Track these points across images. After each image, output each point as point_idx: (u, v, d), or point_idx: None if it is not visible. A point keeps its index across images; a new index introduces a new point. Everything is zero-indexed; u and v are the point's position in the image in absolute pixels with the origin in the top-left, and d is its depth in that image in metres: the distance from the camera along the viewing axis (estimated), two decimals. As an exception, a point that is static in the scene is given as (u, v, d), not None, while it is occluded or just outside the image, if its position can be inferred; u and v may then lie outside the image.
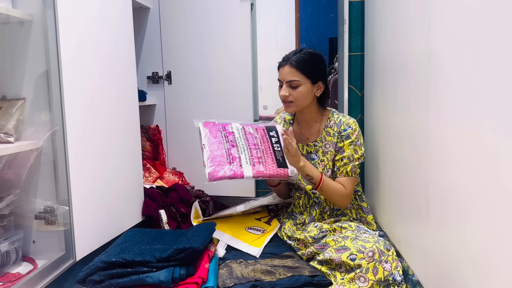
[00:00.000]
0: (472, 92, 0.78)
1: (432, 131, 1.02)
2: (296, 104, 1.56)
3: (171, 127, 2.28)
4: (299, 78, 1.53)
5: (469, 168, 0.80)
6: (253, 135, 1.60)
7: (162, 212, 1.73)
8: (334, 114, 1.63)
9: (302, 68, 1.53)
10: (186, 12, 2.16)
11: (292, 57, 1.54)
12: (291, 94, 1.54)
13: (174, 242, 1.34)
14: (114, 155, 1.57)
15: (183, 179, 2.24)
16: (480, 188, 0.75)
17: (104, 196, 1.51)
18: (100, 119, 1.48)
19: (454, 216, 0.89)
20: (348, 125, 1.57)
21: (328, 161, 1.59)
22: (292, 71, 1.53)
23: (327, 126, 1.61)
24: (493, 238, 0.71)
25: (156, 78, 2.26)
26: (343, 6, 2.09)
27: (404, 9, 1.29)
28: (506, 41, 0.64)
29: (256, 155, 1.55)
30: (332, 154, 1.59)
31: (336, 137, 1.58)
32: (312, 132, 1.65)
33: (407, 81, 1.25)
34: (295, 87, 1.54)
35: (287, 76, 1.54)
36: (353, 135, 1.55)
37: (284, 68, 1.55)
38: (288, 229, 1.62)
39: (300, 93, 1.54)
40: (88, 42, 1.41)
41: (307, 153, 1.64)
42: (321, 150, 1.61)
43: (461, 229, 0.85)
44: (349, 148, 1.55)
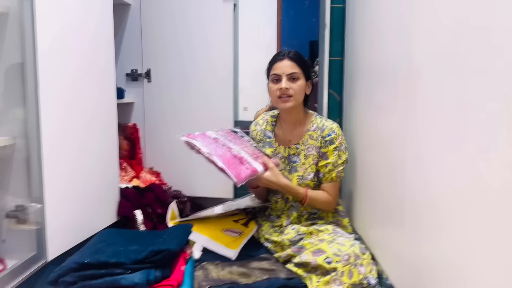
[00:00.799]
0: (448, 100, 0.80)
1: (409, 137, 1.04)
2: (295, 98, 1.55)
3: (149, 125, 2.25)
4: (298, 71, 1.54)
5: (445, 174, 0.82)
6: (230, 137, 1.59)
7: (138, 212, 1.70)
8: (317, 118, 1.63)
9: (300, 62, 1.55)
10: (167, 10, 2.14)
11: (289, 53, 1.56)
12: (291, 88, 1.53)
13: (149, 243, 1.32)
14: (90, 152, 1.54)
15: (160, 179, 2.21)
16: (456, 194, 0.77)
17: (79, 194, 1.47)
18: (77, 116, 1.45)
19: (429, 221, 0.91)
20: (332, 130, 1.57)
21: (310, 164, 1.59)
22: (292, 64, 1.54)
23: (309, 129, 1.61)
24: (467, 243, 0.72)
25: (135, 75, 2.23)
26: (324, 11, 2.11)
27: (384, 17, 1.31)
28: (480, 51, 0.66)
29: (250, 152, 1.54)
30: (315, 158, 1.59)
31: (320, 142, 1.58)
32: (295, 134, 1.64)
33: (386, 88, 1.27)
34: (296, 79, 1.54)
35: (287, 69, 1.54)
36: (336, 140, 1.56)
37: (283, 61, 1.55)
38: (265, 231, 1.62)
39: (300, 86, 1.55)
40: (67, 36, 1.38)
41: (288, 155, 1.63)
42: (303, 153, 1.60)
43: (436, 233, 0.87)
44: (333, 154, 1.56)
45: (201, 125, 2.17)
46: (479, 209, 0.68)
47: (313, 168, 1.59)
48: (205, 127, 2.16)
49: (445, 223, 0.82)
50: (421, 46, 0.96)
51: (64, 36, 1.36)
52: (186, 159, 2.22)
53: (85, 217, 1.52)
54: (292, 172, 1.61)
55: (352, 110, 1.89)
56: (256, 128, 1.72)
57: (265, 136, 1.69)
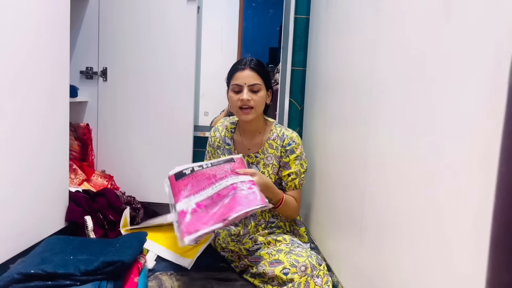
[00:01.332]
0: (410, 116, 0.81)
1: (371, 150, 1.06)
2: (256, 110, 1.52)
3: (103, 126, 2.15)
4: (260, 82, 1.51)
5: (406, 190, 0.83)
6: (206, 176, 1.30)
7: (88, 218, 1.61)
8: (276, 127, 1.62)
9: (261, 72, 1.52)
10: (128, 7, 2.06)
11: (250, 63, 1.52)
12: (252, 99, 1.50)
13: (101, 252, 1.25)
14: (38, 153, 1.44)
15: (113, 183, 2.12)
16: (415, 206, 0.79)
17: (23, 197, 1.37)
18: (25, 113, 1.35)
19: (386, 233, 0.93)
20: (292, 139, 1.56)
21: (268, 174, 1.58)
22: (254, 75, 1.50)
23: (269, 138, 1.59)
24: (426, 255, 0.74)
25: (90, 73, 2.12)
26: (288, 21, 2.13)
27: (350, 32, 1.33)
28: (443, 71, 0.68)
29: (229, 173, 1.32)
30: (274, 167, 1.58)
31: (280, 151, 1.57)
32: (254, 143, 1.62)
33: (349, 100, 1.29)
34: (257, 91, 1.51)
35: (249, 80, 1.50)
36: (297, 149, 1.56)
37: (244, 71, 1.51)
38: (222, 240, 1.60)
39: (261, 97, 1.52)
40: (15, 27, 1.28)
41: (247, 164, 1.61)
42: (262, 162, 1.59)
43: (394, 245, 0.88)
44: (295, 163, 1.56)
45: (159, 130, 2.11)
46: (438, 221, 0.69)
47: (272, 177, 1.58)
48: (162, 132, 2.11)
49: (405, 238, 0.83)
50: (384, 63, 0.98)
51: (11, 27, 1.26)
52: (140, 163, 2.14)
53: (30, 222, 1.42)
54: None
55: (312, 120, 1.91)
56: (215, 135, 1.68)
57: (224, 143, 1.66)
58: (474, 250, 0.57)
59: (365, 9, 1.16)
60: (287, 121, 2.19)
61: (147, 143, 2.13)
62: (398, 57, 0.91)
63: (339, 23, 1.49)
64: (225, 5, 2.31)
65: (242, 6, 2.25)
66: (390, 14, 0.97)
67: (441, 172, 0.69)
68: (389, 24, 0.97)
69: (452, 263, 0.65)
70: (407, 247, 0.82)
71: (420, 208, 0.77)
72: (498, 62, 0.54)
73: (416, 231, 0.78)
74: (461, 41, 0.65)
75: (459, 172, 0.63)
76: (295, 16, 2.14)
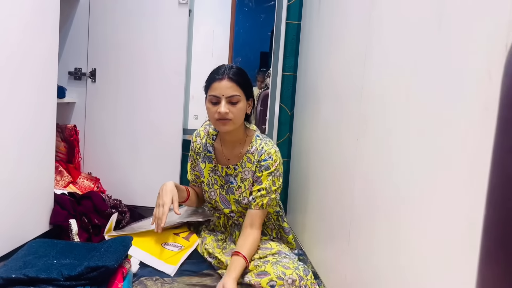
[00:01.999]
0: (400, 124, 0.81)
1: (359, 158, 1.06)
2: (235, 122, 1.43)
3: (90, 128, 2.12)
4: (239, 93, 1.41)
5: (393, 198, 0.83)
6: None
7: (72, 222, 1.58)
8: (257, 139, 1.53)
9: (241, 82, 1.42)
10: (119, 9, 2.04)
11: (229, 72, 1.42)
12: (231, 111, 1.41)
13: (85, 257, 1.23)
14: (23, 154, 1.41)
15: (99, 186, 2.08)
16: (403, 215, 0.78)
17: (6, 199, 1.34)
18: (10, 112, 1.32)
19: (374, 244, 0.92)
20: (269, 155, 1.48)
21: (245, 189, 1.52)
22: (233, 86, 1.41)
23: (249, 151, 1.52)
24: (413, 264, 0.73)
25: (78, 74, 2.09)
26: (280, 26, 2.13)
27: (341, 38, 1.34)
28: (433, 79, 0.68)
29: None
30: (250, 183, 1.51)
31: (255, 166, 1.50)
32: (234, 154, 1.55)
33: (339, 108, 1.29)
34: (235, 102, 1.41)
35: (227, 91, 1.40)
36: (272, 166, 1.47)
37: (222, 82, 1.41)
38: (209, 244, 1.57)
39: (240, 109, 1.43)
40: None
41: (226, 175, 1.55)
42: (240, 176, 1.52)
43: (381, 256, 0.88)
44: (267, 179, 1.47)
45: (147, 133, 2.09)
46: (426, 231, 0.69)
47: (248, 193, 1.52)
48: (151, 135, 2.09)
49: (391, 243, 0.83)
50: (374, 69, 0.98)
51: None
52: (127, 166, 2.12)
53: (13, 224, 1.38)
54: (229, 193, 1.55)
55: (303, 125, 1.90)
56: (197, 140, 1.61)
57: (205, 150, 1.60)
58: (464, 263, 0.56)
59: (357, 16, 1.16)
60: (277, 126, 2.19)
61: (135, 145, 2.11)
62: (388, 64, 0.91)
63: (330, 29, 1.49)
64: (217, 9, 2.30)
65: (234, 11, 2.25)
66: (382, 21, 0.97)
67: (431, 181, 0.69)
68: (380, 31, 0.97)
69: (439, 272, 0.65)
70: (394, 256, 0.82)
71: (408, 217, 0.77)
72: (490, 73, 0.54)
73: (403, 241, 0.78)
74: (451, 50, 0.65)
75: (450, 183, 0.63)
76: (287, 21, 2.14)
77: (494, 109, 0.43)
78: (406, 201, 0.78)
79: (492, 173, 0.39)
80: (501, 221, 0.37)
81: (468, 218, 0.57)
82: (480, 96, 0.56)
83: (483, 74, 0.55)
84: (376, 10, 1.00)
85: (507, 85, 0.38)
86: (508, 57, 0.38)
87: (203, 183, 1.61)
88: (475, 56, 0.58)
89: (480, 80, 0.56)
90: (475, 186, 0.55)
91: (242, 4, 2.26)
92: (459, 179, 0.60)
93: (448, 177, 0.63)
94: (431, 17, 0.72)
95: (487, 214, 0.39)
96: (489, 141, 0.41)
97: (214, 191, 1.58)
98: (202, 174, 1.60)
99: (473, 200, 0.56)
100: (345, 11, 1.30)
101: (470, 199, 0.57)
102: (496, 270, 0.37)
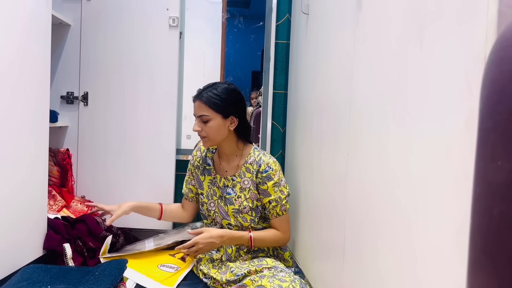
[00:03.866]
0: (386, 143, 0.83)
1: (351, 174, 1.07)
2: (210, 138, 1.55)
3: (83, 151, 2.12)
4: (208, 113, 1.52)
5: (384, 214, 0.84)
6: None
7: (67, 246, 1.57)
8: (255, 151, 1.61)
9: (211, 103, 1.52)
10: (110, 33, 2.07)
11: (202, 93, 1.55)
12: (203, 129, 1.54)
13: (79, 282, 1.22)
14: (15, 179, 1.40)
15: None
16: (397, 233, 0.79)
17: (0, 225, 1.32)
18: (1, 137, 1.32)
19: (368, 259, 0.93)
20: (268, 166, 1.55)
21: (245, 198, 1.57)
22: (202, 106, 1.53)
23: (247, 162, 1.59)
24: (409, 279, 0.74)
25: (71, 98, 2.10)
26: (269, 46, 2.17)
27: (328, 57, 1.36)
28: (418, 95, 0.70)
29: None
30: (251, 192, 1.57)
31: (256, 176, 1.57)
32: (231, 166, 1.62)
33: (329, 125, 1.31)
34: (206, 121, 1.53)
35: (197, 111, 1.54)
36: (274, 176, 1.55)
37: (196, 102, 1.56)
38: (204, 265, 1.57)
39: (211, 128, 1.53)
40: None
41: (224, 186, 1.61)
42: (239, 186, 1.59)
43: (378, 270, 0.88)
44: (274, 190, 1.55)
45: (140, 154, 2.09)
46: (420, 245, 0.70)
47: (249, 201, 1.57)
48: (144, 156, 2.09)
49: (387, 259, 0.83)
50: (361, 87, 1.00)
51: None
52: (121, 188, 2.11)
53: (7, 250, 1.37)
54: (227, 205, 1.60)
55: (295, 142, 1.92)
56: (197, 154, 1.72)
57: (204, 163, 1.68)
58: (458, 274, 0.57)
59: (342, 36, 1.19)
60: (269, 144, 2.21)
61: (129, 167, 2.11)
62: (374, 80, 0.93)
63: (317, 47, 1.53)
64: (207, 31, 2.34)
65: (225, 32, 2.29)
66: (366, 39, 1.00)
67: (421, 195, 0.70)
68: (365, 48, 1.00)
69: (434, 284, 0.65)
70: (388, 272, 0.82)
71: (401, 232, 0.77)
72: (470, 86, 0.56)
73: (397, 255, 0.78)
74: (433, 65, 0.67)
75: (439, 197, 0.64)
76: (276, 41, 2.19)
77: (475, 120, 0.45)
78: (398, 215, 0.79)
79: (475, 182, 0.40)
80: (485, 229, 0.38)
81: (458, 229, 0.58)
82: (462, 108, 0.58)
83: (463, 87, 0.57)
84: (361, 28, 1.03)
85: (485, 96, 0.40)
86: (485, 69, 0.40)
87: (202, 195, 1.67)
88: (456, 70, 0.60)
89: (461, 93, 0.58)
90: (461, 196, 0.57)
91: (231, 25, 2.30)
92: (448, 190, 0.62)
93: (438, 189, 0.65)
94: (412, 34, 0.74)
95: (472, 223, 0.40)
96: (472, 151, 0.42)
97: (213, 202, 1.63)
98: (202, 186, 1.67)
99: (462, 209, 0.57)
100: (331, 29, 1.34)
101: (459, 209, 0.58)
102: (482, 278, 0.38)
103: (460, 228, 0.57)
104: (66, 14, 2.04)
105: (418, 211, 0.71)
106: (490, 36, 0.51)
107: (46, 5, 1.55)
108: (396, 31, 0.82)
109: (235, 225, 1.58)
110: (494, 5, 0.50)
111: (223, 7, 2.28)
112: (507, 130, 0.37)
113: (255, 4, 2.33)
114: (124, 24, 2.06)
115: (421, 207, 0.70)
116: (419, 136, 0.71)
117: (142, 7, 2.05)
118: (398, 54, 0.81)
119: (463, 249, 0.47)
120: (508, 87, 0.38)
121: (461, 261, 0.49)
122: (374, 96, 0.93)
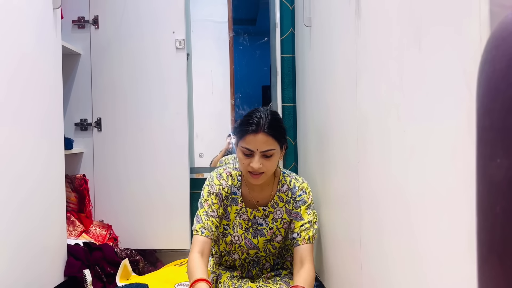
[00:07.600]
0: (393, 147, 0.83)
1: (362, 180, 1.06)
2: (267, 174, 1.37)
3: (99, 176, 2.16)
4: (274, 146, 1.33)
5: (398, 222, 0.83)
6: None
7: (87, 272, 1.59)
8: (285, 177, 1.49)
9: (276, 134, 1.33)
10: (119, 59, 2.12)
11: (264, 123, 1.32)
12: (264, 165, 1.33)
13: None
14: (34, 208, 1.44)
15: (112, 232, 2.09)
16: (412, 250, 0.78)
17: (21, 253, 1.35)
18: (19, 167, 1.36)
19: (383, 271, 0.92)
20: (303, 190, 1.47)
21: (278, 229, 1.49)
22: (268, 140, 1.31)
23: (279, 190, 1.48)
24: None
25: (84, 125, 2.16)
26: (275, 60, 2.20)
27: (333, 68, 1.37)
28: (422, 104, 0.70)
29: None
30: (285, 221, 1.49)
31: (291, 204, 1.47)
32: (263, 196, 1.48)
33: (339, 134, 1.31)
34: (270, 156, 1.34)
35: (262, 146, 1.31)
36: (308, 199, 1.46)
37: (258, 136, 1.31)
38: (224, 283, 1.55)
39: (274, 162, 1.36)
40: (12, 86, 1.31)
41: (254, 218, 1.49)
42: (271, 217, 1.48)
43: (395, 276, 0.87)
44: (307, 213, 1.45)
45: (155, 175, 2.12)
46: (433, 246, 0.69)
47: (281, 231, 1.50)
48: (159, 177, 2.11)
49: (402, 271, 0.82)
50: (368, 98, 1.01)
51: (8, 86, 1.30)
52: (137, 210, 2.13)
53: (28, 278, 1.39)
54: (257, 237, 1.50)
55: (307, 155, 1.92)
56: (222, 183, 1.46)
57: (231, 193, 1.48)
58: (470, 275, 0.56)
59: (344, 45, 1.20)
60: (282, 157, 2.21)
61: (144, 189, 2.13)
62: (377, 87, 0.93)
63: (322, 58, 1.54)
64: (214, 50, 2.38)
65: (232, 50, 2.32)
66: (366, 47, 1.00)
67: (431, 206, 0.69)
68: (366, 56, 1.01)
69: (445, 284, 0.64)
70: (408, 274, 0.81)
71: (416, 234, 0.77)
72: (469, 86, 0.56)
73: (410, 268, 0.77)
74: (432, 67, 0.67)
75: (449, 208, 0.64)
76: (282, 55, 2.21)
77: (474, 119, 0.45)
78: (413, 218, 0.78)
79: (478, 181, 0.40)
80: (490, 227, 0.38)
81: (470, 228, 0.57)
82: (463, 108, 0.58)
83: (463, 88, 0.57)
84: (361, 38, 1.04)
85: (481, 95, 0.41)
86: (480, 69, 0.41)
87: (228, 226, 1.50)
88: (454, 71, 0.60)
89: (461, 94, 0.58)
90: (468, 195, 0.56)
91: (237, 43, 2.33)
92: (457, 191, 0.61)
93: (447, 191, 0.64)
94: (410, 38, 0.75)
95: (478, 221, 0.40)
96: (474, 150, 0.42)
97: (239, 235, 1.49)
98: (228, 217, 1.49)
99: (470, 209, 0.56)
100: (333, 39, 1.35)
101: (467, 209, 0.58)
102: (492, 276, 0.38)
103: (471, 227, 0.56)
104: (76, 44, 2.11)
105: (432, 224, 0.70)
106: (484, 36, 0.51)
107: (56, 37, 1.61)
108: (394, 36, 0.83)
109: (263, 251, 1.55)
110: (485, 6, 0.50)
111: (229, 26, 2.32)
112: (504, 128, 0.37)
113: (259, 20, 2.37)
114: (132, 49, 2.12)
115: (431, 209, 0.69)
116: (426, 138, 0.71)
117: (149, 32, 2.11)
118: (398, 59, 0.81)
119: (473, 249, 0.47)
120: (502, 85, 0.38)
121: (472, 261, 0.49)
122: (378, 103, 0.93)
